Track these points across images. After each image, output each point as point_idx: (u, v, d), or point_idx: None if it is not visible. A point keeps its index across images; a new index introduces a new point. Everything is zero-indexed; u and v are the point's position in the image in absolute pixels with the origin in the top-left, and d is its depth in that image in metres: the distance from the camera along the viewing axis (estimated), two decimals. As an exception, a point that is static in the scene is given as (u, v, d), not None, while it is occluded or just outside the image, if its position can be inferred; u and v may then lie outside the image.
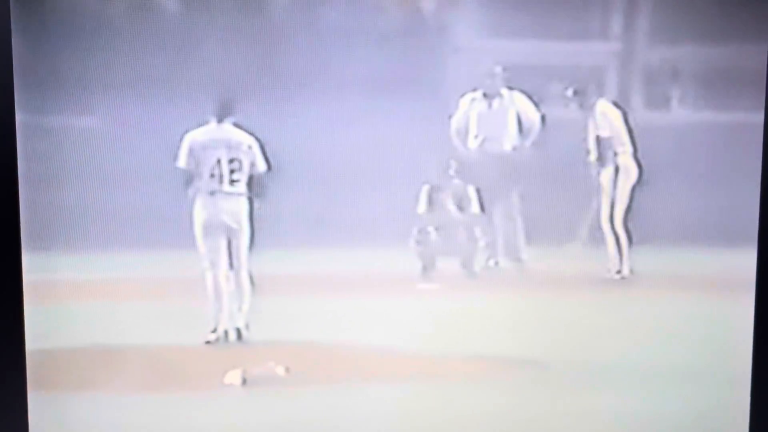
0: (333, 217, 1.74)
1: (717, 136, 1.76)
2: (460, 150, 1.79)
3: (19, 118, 1.64)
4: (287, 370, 1.79)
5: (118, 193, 1.71)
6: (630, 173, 1.78)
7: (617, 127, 1.77)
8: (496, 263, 1.82)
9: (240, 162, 1.75)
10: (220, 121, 1.74)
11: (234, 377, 1.79)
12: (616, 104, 1.76)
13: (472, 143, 1.80)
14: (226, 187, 1.76)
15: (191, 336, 1.78)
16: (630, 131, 1.77)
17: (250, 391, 1.78)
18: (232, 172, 1.76)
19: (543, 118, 1.76)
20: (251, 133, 1.74)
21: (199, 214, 1.77)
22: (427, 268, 1.80)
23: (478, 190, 1.81)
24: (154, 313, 1.75)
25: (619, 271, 1.79)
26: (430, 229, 1.80)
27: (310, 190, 1.74)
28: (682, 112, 1.75)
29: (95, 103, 1.68)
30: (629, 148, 1.77)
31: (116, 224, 1.72)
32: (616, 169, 1.78)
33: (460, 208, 1.81)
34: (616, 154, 1.78)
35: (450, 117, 1.77)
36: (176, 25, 1.67)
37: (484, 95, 1.77)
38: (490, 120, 1.79)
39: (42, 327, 1.71)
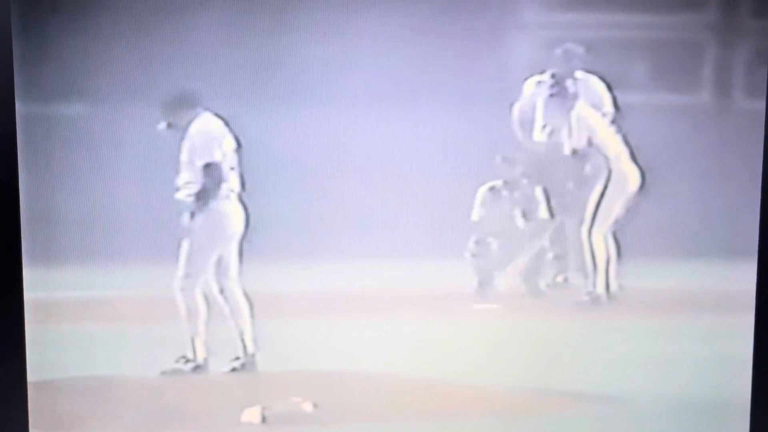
0: (372, 224, 1.68)
1: (712, 132, 1.70)
2: (524, 143, 1.72)
3: (19, 111, 1.63)
4: (315, 405, 1.73)
5: (117, 195, 1.66)
6: (626, 180, 1.71)
7: (597, 130, 1.71)
8: (566, 280, 1.75)
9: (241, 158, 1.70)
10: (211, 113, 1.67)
11: (253, 415, 1.73)
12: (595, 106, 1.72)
13: (539, 135, 1.73)
14: (238, 187, 1.69)
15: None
16: (620, 132, 1.71)
17: (270, 430, 1.72)
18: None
19: (618, 111, 1.70)
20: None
21: (203, 223, 1.68)
22: (483, 285, 1.73)
23: (546, 192, 1.73)
24: (159, 339, 1.70)
25: (590, 292, 1.73)
26: (490, 239, 1.72)
27: (343, 190, 1.67)
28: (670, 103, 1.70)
29: (95, 99, 1.65)
30: (623, 152, 1.70)
31: (117, 232, 1.67)
32: (609, 176, 1.74)
33: (525, 213, 1.74)
34: (607, 158, 1.73)
35: (512, 104, 1.69)
36: (178, 17, 1.64)
37: (553, 78, 1.70)
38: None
39: (39, 357, 1.69)
